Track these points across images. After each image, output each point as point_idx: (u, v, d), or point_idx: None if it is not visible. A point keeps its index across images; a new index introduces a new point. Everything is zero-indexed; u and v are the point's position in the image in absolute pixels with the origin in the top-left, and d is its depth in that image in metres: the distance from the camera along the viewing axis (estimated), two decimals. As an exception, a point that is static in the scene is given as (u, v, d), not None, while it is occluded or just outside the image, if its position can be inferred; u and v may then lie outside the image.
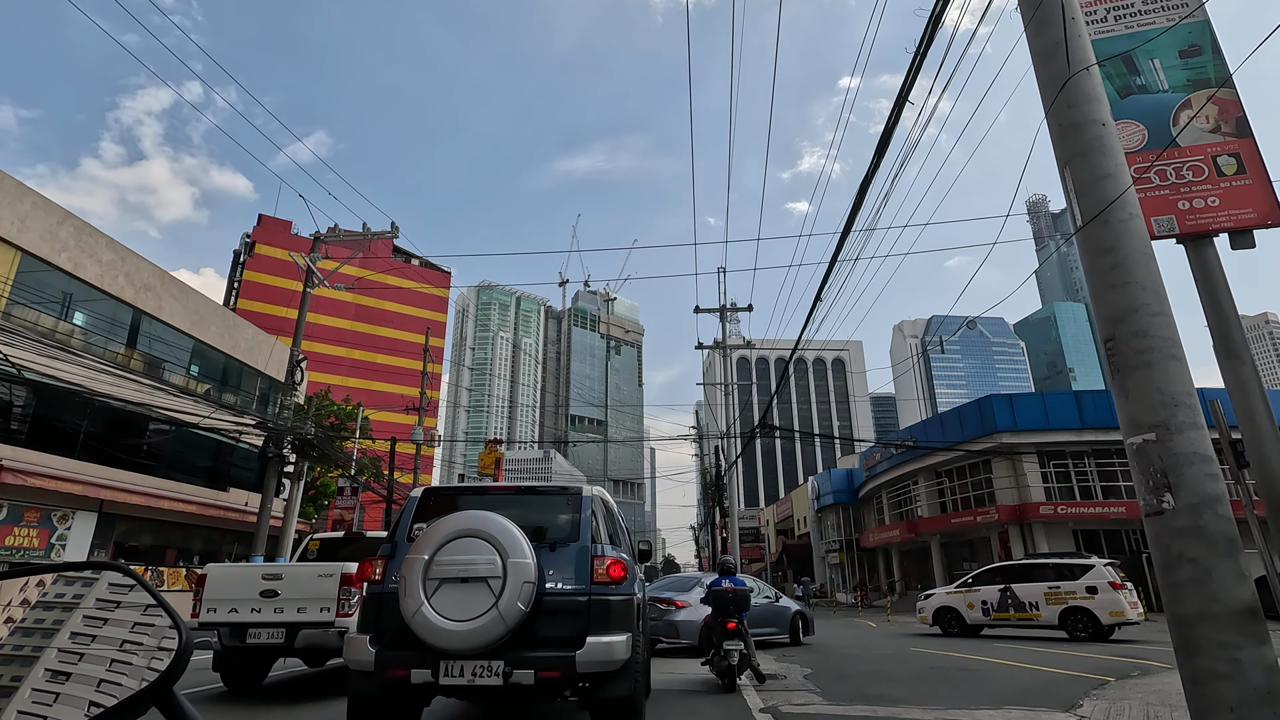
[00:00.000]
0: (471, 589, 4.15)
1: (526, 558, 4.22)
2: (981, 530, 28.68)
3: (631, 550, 6.53)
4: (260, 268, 70.87)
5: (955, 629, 16.22)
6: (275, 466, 20.83)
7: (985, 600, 15.73)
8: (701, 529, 59.13)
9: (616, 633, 4.38)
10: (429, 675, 4.11)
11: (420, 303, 79.26)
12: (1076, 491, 26.53)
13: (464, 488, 5.72)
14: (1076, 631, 14.40)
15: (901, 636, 16.37)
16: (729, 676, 7.62)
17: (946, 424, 29.40)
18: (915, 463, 31.89)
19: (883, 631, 18.46)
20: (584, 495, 5.05)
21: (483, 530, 4.28)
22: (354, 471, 27.30)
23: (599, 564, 4.55)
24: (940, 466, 31.17)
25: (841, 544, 42.22)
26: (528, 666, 4.12)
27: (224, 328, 23.48)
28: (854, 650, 12.75)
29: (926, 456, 30.96)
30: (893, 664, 10.31)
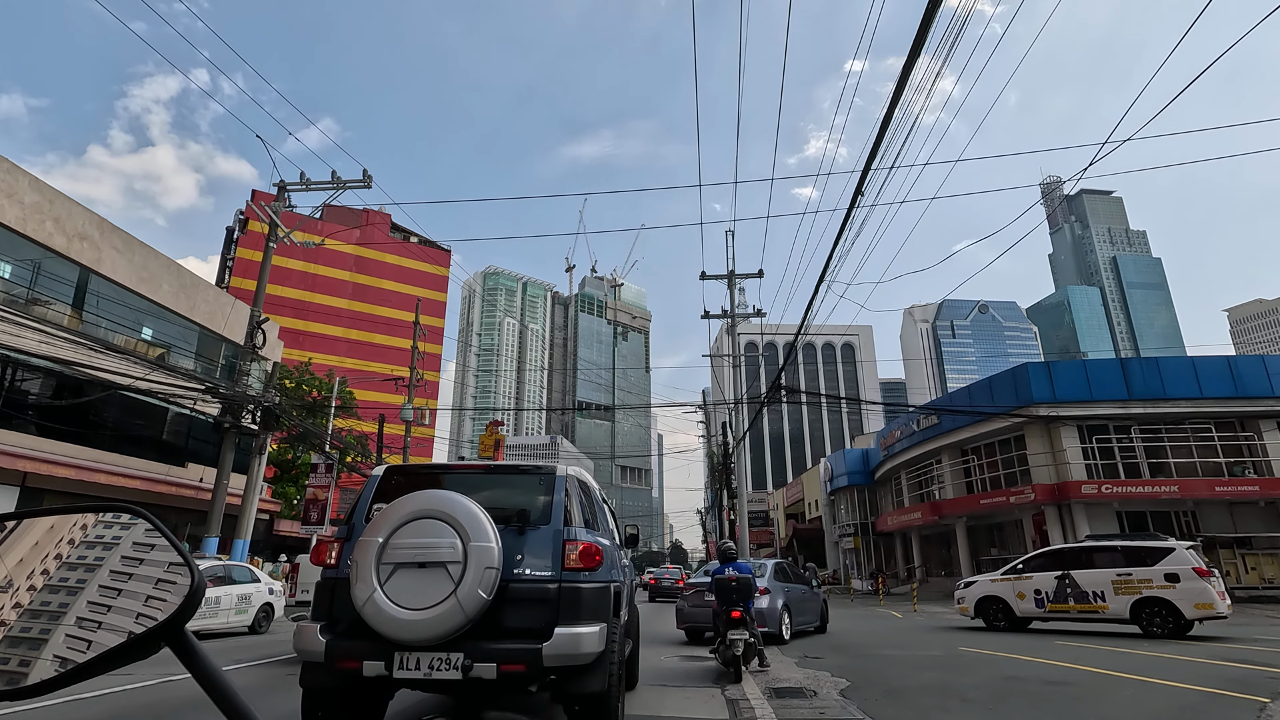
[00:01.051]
0: (429, 575, 3.81)
1: (490, 541, 3.87)
2: (1013, 512, 26.28)
3: (615, 535, 6.11)
4: (254, 244, 68.48)
5: (1002, 622, 13.90)
6: (232, 438, 18.68)
7: (1040, 589, 13.39)
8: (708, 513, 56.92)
9: (588, 623, 4.05)
10: (382, 667, 3.77)
11: (420, 282, 77.03)
12: (1121, 469, 24.08)
13: (429, 466, 5.32)
14: (1153, 626, 12.06)
15: (940, 631, 14.07)
16: (735, 665, 7.27)
17: (976, 396, 26.94)
18: (938, 439, 29.47)
19: (914, 624, 16.16)
20: (558, 476, 4.64)
21: (443, 511, 3.93)
22: (329, 446, 25.15)
23: (571, 549, 4.20)
24: (967, 444, 28.74)
25: (856, 528, 39.89)
26: (489, 659, 3.77)
27: (179, 287, 21.21)
28: (892, 650, 10.46)
29: (951, 433, 28.54)
30: (952, 672, 7.99)
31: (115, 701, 6.02)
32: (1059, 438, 24.29)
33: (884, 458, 35.49)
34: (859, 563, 40.35)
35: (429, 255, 78.85)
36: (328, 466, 24.15)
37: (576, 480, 4.94)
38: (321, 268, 71.69)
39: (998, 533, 28.58)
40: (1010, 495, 24.73)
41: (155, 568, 0.83)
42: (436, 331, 76.53)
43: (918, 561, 34.07)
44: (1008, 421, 25.35)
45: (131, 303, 19.43)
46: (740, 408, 29.11)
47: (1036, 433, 25.01)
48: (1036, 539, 25.30)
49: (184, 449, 22.08)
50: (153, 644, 0.75)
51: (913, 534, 34.40)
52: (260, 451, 19.90)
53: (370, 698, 4.33)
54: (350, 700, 4.23)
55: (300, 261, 70.89)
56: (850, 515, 41.01)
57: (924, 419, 30.11)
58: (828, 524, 46.92)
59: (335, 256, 72.60)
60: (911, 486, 34.11)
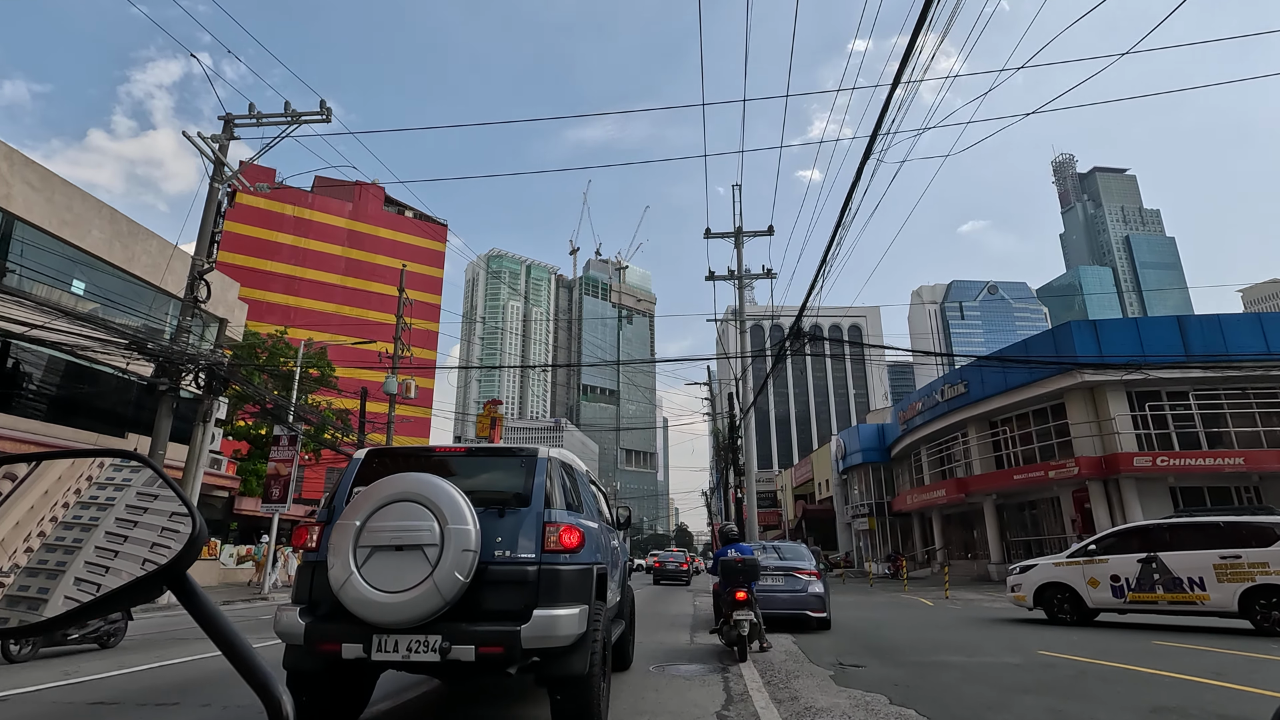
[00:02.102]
0: (406, 558, 3.78)
1: (467, 524, 3.84)
2: (1050, 489, 23.77)
3: (604, 517, 6.02)
4: (242, 218, 66.10)
5: (1069, 614, 11.44)
6: (169, 403, 16.29)
7: (1118, 575, 10.89)
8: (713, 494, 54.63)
9: (568, 605, 3.99)
10: (360, 650, 3.76)
11: (416, 257, 74.29)
12: (1175, 439, 21.50)
13: (411, 449, 5.13)
14: (1269, 622, 9.59)
15: (993, 625, 11.63)
16: (740, 645, 7.23)
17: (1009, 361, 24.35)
18: (964, 410, 26.92)
19: (954, 615, 13.73)
20: (539, 458, 4.55)
21: (420, 494, 3.90)
22: (292, 418, 22.79)
23: (551, 531, 4.13)
24: (997, 414, 26.18)
25: (871, 508, 37.47)
26: (467, 641, 3.73)
27: (113, 235, 18.71)
28: (951, 655, 8.02)
29: (980, 403, 25.98)
30: (1063, 696, 5.51)
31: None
32: (1105, 405, 21.71)
33: (902, 432, 32.96)
34: (874, 545, 37.96)
35: (425, 230, 76.22)
36: (290, 439, 21.79)
37: (559, 462, 4.82)
38: (313, 242, 69.08)
39: (1030, 512, 26.09)
40: (1049, 470, 22.19)
41: (159, 514, 0.84)
42: (433, 308, 74.07)
43: (939, 543, 31.65)
44: (1046, 388, 22.78)
45: (52, 249, 17.00)
46: (747, 376, 26.64)
47: (1079, 400, 22.43)
48: (1077, 518, 22.82)
49: (124, 416, 19.72)
50: (155, 586, 0.77)
51: (933, 514, 31.95)
52: (204, 419, 17.52)
53: (354, 679, 4.40)
54: (334, 682, 4.28)
55: (291, 236, 68.39)
56: (865, 495, 38.57)
57: (949, 388, 27.53)
58: (839, 504, 44.52)
59: (327, 230, 70.02)
60: (933, 463, 31.60)
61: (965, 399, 26.54)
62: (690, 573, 30.61)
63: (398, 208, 75.67)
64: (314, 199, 71.24)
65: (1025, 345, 23.84)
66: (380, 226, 74.15)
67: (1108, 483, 21.52)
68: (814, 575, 10.65)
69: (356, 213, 73.15)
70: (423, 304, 70.32)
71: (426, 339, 72.15)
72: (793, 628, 10.41)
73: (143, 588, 0.77)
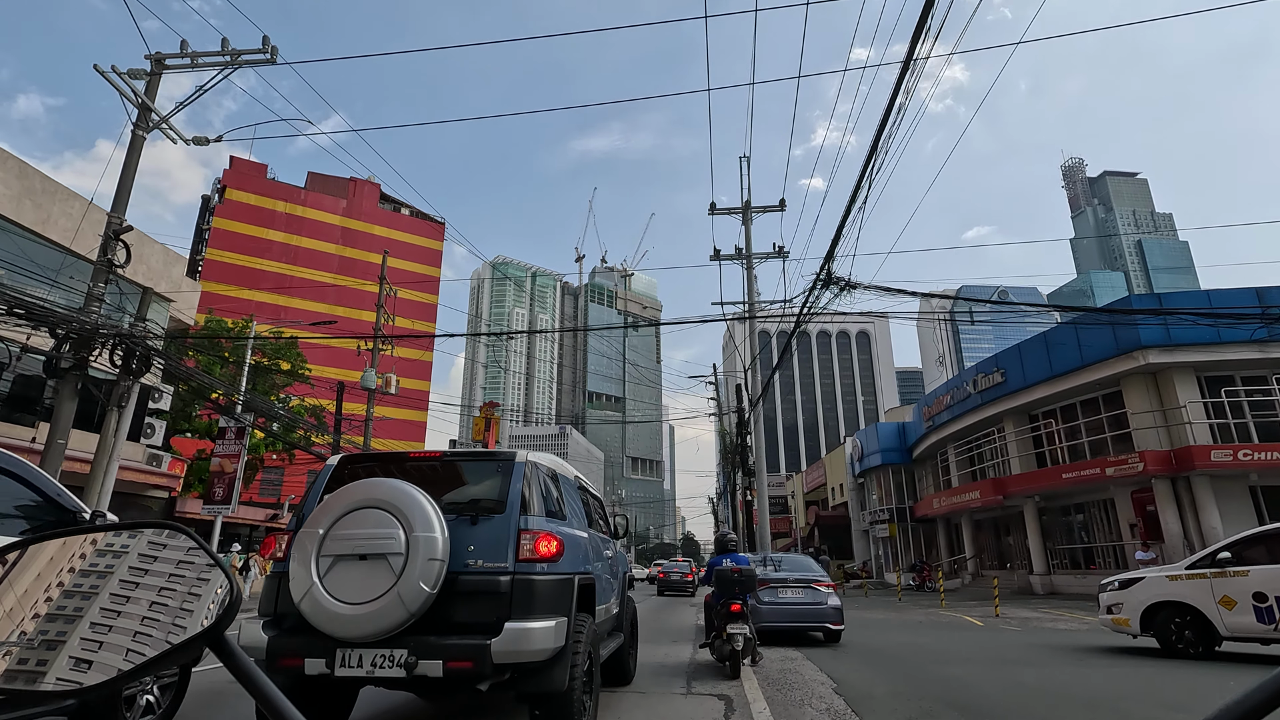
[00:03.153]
0: (370, 567, 3.60)
1: (434, 532, 3.66)
2: (1105, 489, 20.86)
3: (594, 524, 5.77)
4: (232, 214, 64.04)
5: (1191, 643, 8.62)
6: (72, 384, 13.67)
7: (1265, 592, 8.09)
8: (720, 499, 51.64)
9: (543, 617, 3.76)
10: (324, 665, 3.57)
11: (412, 255, 71.93)
12: (1254, 431, 18.60)
13: (384, 455, 4.85)
14: None
15: (1087, 656, 8.83)
16: (733, 661, 6.94)
17: (1055, 346, 21.50)
18: (1001, 403, 24.06)
19: (1021, 641, 10.88)
20: (516, 462, 4.33)
21: (385, 500, 3.73)
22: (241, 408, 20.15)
23: (526, 539, 3.93)
24: (1038, 406, 23.32)
25: (891, 513, 34.49)
26: (435, 656, 3.53)
27: (22, 192, 16.15)
28: (1075, 715, 5.24)
29: (1019, 394, 23.11)
30: None
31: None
32: (1172, 391, 18.84)
33: (926, 430, 30.06)
34: (895, 554, 34.95)
35: (421, 228, 73.93)
36: (238, 432, 19.14)
37: (540, 467, 4.55)
38: (305, 240, 66.74)
39: (1078, 516, 23.15)
40: (1107, 466, 19.28)
41: (196, 579, 0.89)
42: (430, 308, 71.55)
43: (969, 552, 28.68)
44: (1100, 374, 19.94)
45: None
46: (756, 365, 23.89)
47: (1139, 387, 19.57)
48: (1139, 522, 19.90)
49: (37, 403, 17.11)
50: (197, 648, 0.82)
51: (963, 519, 29.00)
52: (120, 404, 14.87)
53: (331, 696, 4.22)
54: (309, 699, 4.08)
55: (282, 234, 66.09)
56: (884, 499, 35.61)
57: (983, 378, 24.64)
58: (854, 510, 41.56)
59: (320, 228, 67.65)
60: (962, 463, 28.68)
61: (1002, 389, 23.66)
62: (695, 584, 27.95)
63: (393, 205, 73.37)
64: (307, 195, 69.06)
65: (1074, 328, 20.96)
66: (375, 224, 71.77)
67: (1176, 481, 18.62)
68: (833, 587, 10.50)
69: (351, 210, 70.84)
70: (419, 304, 67.96)
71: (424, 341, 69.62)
72: (797, 641, 10.10)
73: (186, 650, 0.82)
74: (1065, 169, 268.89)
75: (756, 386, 23.29)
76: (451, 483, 4.37)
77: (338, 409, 28.44)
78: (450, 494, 4.18)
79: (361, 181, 72.76)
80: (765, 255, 25.04)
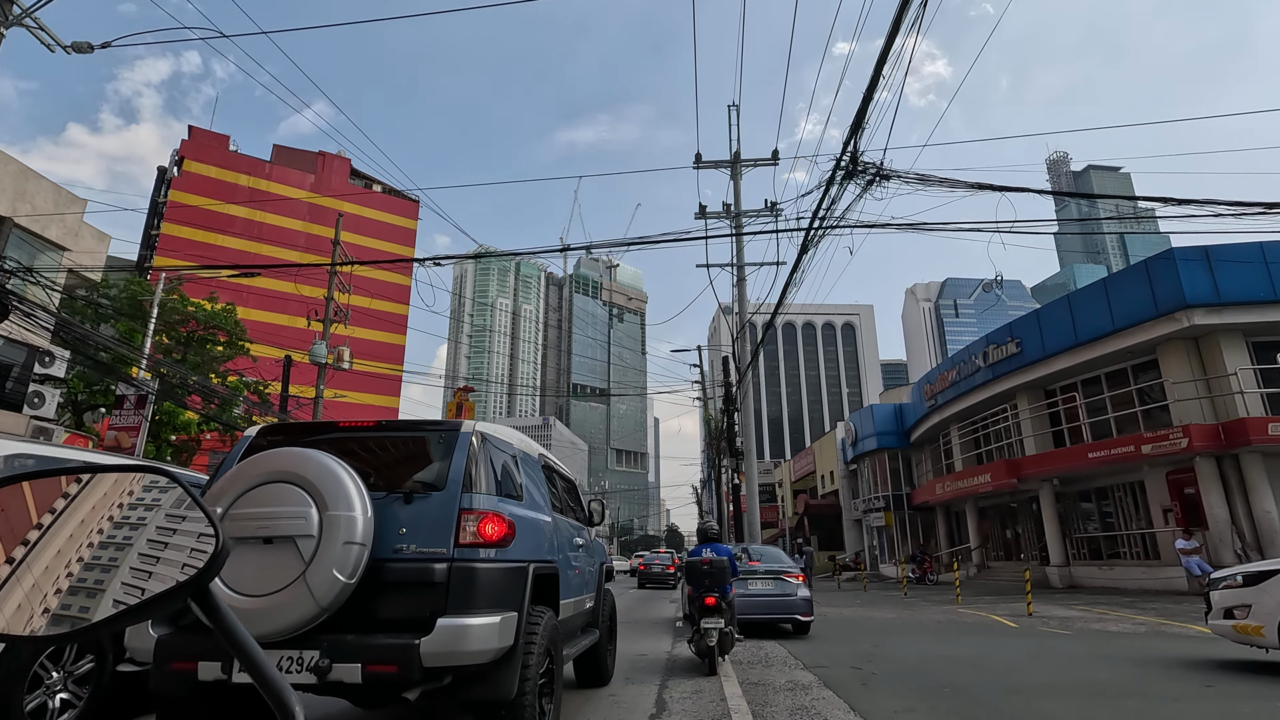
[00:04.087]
0: (275, 552, 2.94)
1: (353, 510, 3.02)
2: (1136, 469, 18.59)
3: (564, 510, 5.13)
4: (189, 187, 60.51)
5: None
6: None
7: None
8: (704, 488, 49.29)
9: (485, 612, 3.14)
10: (219, 669, 2.89)
11: (385, 234, 68.78)
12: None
13: (309, 424, 4.52)
14: None
15: (1209, 674, 6.43)
16: (709, 657, 6.81)
17: (1080, 309, 19.17)
18: (1014, 377, 21.75)
19: (1089, 649, 8.46)
20: (461, 433, 3.68)
21: (296, 474, 3.10)
22: (148, 367, 17.36)
23: (468, 520, 3.28)
24: (1056, 380, 21.03)
25: (887, 501, 32.24)
26: (352, 658, 2.88)
27: None
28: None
29: (1035, 366, 20.81)
30: None
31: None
32: (1218, 358, 16.56)
33: (928, 409, 27.74)
34: (891, 544, 32.70)
35: (394, 205, 70.70)
36: (139, 399, 16.38)
37: (491, 440, 3.87)
38: (270, 216, 63.23)
39: (1099, 501, 20.92)
40: (1143, 443, 16.97)
41: (184, 528, 0.85)
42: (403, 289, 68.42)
43: (974, 542, 26.44)
44: (1133, 340, 17.65)
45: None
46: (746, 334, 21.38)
47: (1178, 353, 17.29)
48: (1175, 507, 17.67)
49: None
50: (180, 599, 0.78)
51: (967, 506, 26.75)
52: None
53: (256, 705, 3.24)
54: (227, 709, 3.22)
55: (245, 209, 62.54)
56: (878, 486, 33.34)
57: (995, 349, 22.26)
58: (846, 499, 39.33)
59: (285, 204, 64.09)
60: (966, 445, 26.40)
61: (1018, 361, 21.30)
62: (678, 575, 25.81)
63: (365, 181, 70.11)
64: (272, 169, 65.63)
65: (1104, 287, 18.58)
66: (345, 201, 68.26)
67: (1222, 459, 16.37)
68: (801, 579, 10.31)
69: (319, 185, 67.39)
70: (391, 284, 64.94)
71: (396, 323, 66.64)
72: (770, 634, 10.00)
73: (169, 599, 0.79)
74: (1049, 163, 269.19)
75: (745, 355, 20.82)
76: (386, 457, 3.79)
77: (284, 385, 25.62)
78: (383, 468, 3.63)
79: (331, 156, 69.39)
80: (756, 212, 22.53)
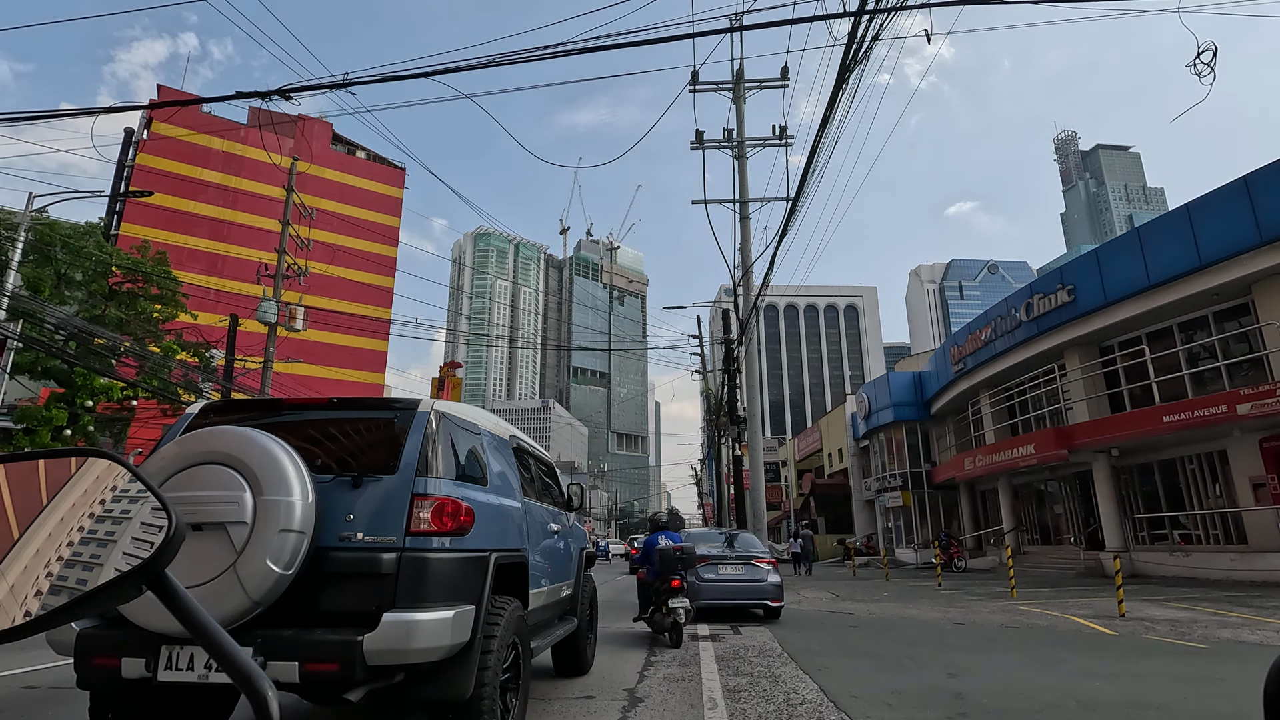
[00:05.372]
0: (204, 540, 2.66)
1: (291, 495, 2.74)
2: (1225, 433, 15.40)
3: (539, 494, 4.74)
4: (158, 151, 57.00)
5: None
6: None
7: None
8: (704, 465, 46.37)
9: (437, 606, 2.86)
10: (144, 667, 2.66)
11: (368, 203, 65.31)
12: None
13: (254, 401, 4.07)
14: None
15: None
16: (676, 632, 7.45)
17: (1155, 244, 15.93)
18: (1064, 331, 18.59)
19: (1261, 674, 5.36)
20: (419, 412, 3.36)
21: (229, 454, 2.82)
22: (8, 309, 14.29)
23: (421, 506, 2.98)
24: (1115, 333, 17.89)
25: (905, 479, 29.20)
26: (289, 655, 2.62)
27: None
28: None
29: (1092, 316, 17.64)
30: None
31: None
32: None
33: (954, 375, 24.59)
34: (909, 526, 29.69)
35: (378, 173, 67.22)
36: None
37: (452, 419, 3.55)
38: (245, 181, 59.83)
39: (1162, 475, 17.82)
40: (1240, 402, 13.80)
41: (134, 513, 0.82)
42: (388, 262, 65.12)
43: (1007, 524, 23.40)
44: (1220, 278, 14.47)
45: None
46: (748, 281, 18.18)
47: (1277, 294, 14.10)
48: (1272, 479, 14.55)
49: None
50: (134, 586, 0.75)
51: (1000, 483, 23.67)
52: None
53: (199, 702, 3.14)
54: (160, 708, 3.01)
55: (219, 174, 59.16)
56: (894, 463, 30.29)
57: (1041, 299, 19.04)
58: (856, 478, 36.32)
59: (262, 169, 60.15)
60: (1000, 414, 23.29)
61: (1070, 312, 18.10)
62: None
63: (347, 147, 66.59)
64: (247, 133, 61.96)
65: (1188, 213, 15.35)
66: (327, 167, 64.87)
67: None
68: (772, 564, 10.14)
69: (299, 150, 63.32)
70: (376, 256, 61.74)
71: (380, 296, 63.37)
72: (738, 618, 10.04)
73: (121, 587, 0.75)
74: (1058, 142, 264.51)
75: (749, 303, 17.65)
76: (335, 437, 3.33)
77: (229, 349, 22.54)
78: (330, 449, 3.21)
79: (311, 120, 65.58)
80: (761, 141, 19.27)
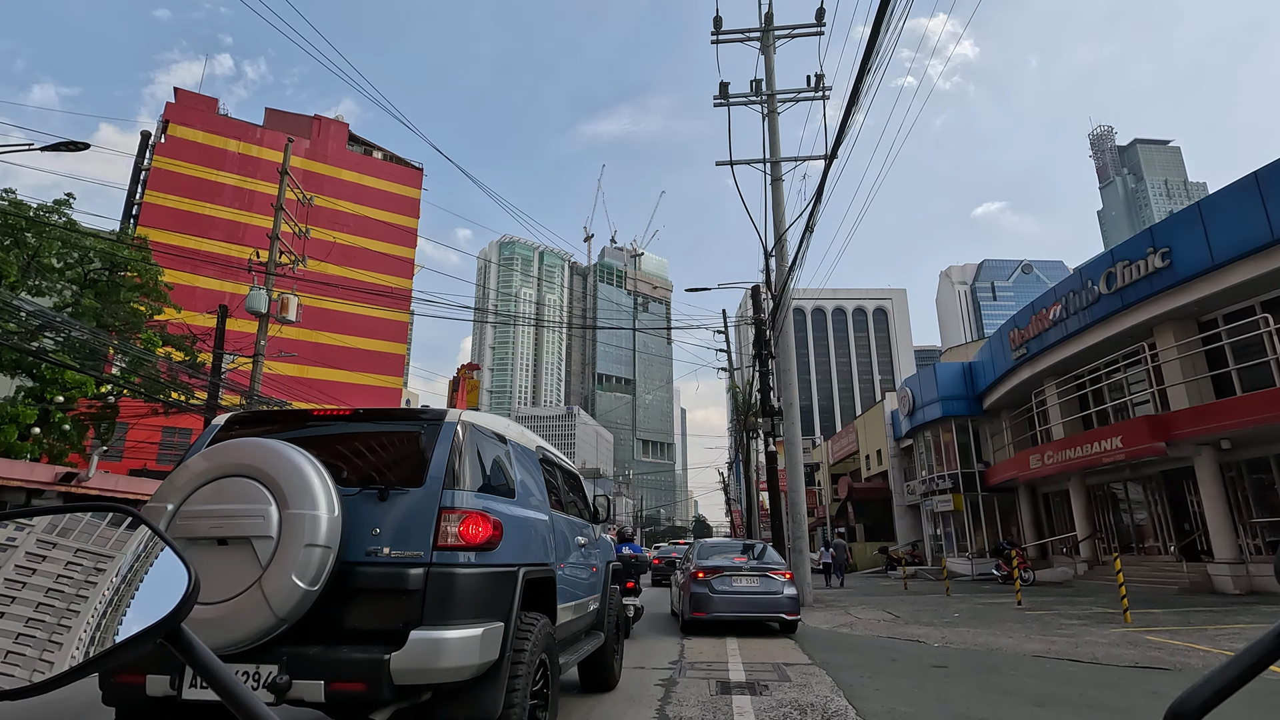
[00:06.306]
0: (230, 555, 2.65)
1: (317, 509, 2.71)
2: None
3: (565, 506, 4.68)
4: (174, 153, 56.21)
5: None
6: None
7: None
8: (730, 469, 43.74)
9: (466, 623, 2.82)
10: (168, 684, 2.62)
11: (385, 204, 63.91)
12: None
13: (280, 413, 3.86)
14: None
15: None
16: (625, 625, 7.91)
17: (1275, 189, 13.23)
18: (1151, 305, 15.79)
19: None
20: (446, 423, 3.31)
21: (254, 467, 2.80)
22: None
23: (450, 520, 2.92)
24: (1219, 304, 15.08)
25: (956, 481, 26.34)
26: (315, 674, 2.59)
27: None
28: None
29: (1190, 285, 14.85)
30: None
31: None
32: None
33: (1014, 363, 21.75)
34: (963, 532, 26.78)
35: (396, 173, 65.95)
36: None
37: (480, 430, 3.52)
38: (261, 184, 58.71)
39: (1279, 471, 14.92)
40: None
41: (154, 570, 0.83)
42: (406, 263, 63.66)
43: (1081, 531, 20.47)
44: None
45: None
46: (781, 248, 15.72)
47: None
48: None
49: None
50: (150, 641, 0.76)
51: (1070, 484, 20.76)
52: None
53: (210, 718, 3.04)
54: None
55: (234, 175, 58.22)
56: (942, 463, 27.44)
57: (1126, 266, 16.28)
58: (897, 481, 33.43)
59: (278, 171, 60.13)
60: (1070, 405, 20.43)
61: (1165, 279, 15.29)
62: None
63: (364, 147, 65.44)
64: (263, 134, 61.15)
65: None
66: (343, 168, 63.75)
67: None
68: (788, 577, 9.91)
69: (314, 151, 62.80)
70: (393, 258, 60.36)
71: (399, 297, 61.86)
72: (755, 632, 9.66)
73: (140, 643, 0.76)
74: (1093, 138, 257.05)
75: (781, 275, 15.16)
76: (361, 449, 3.29)
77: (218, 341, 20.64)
78: (359, 463, 3.16)
79: (328, 120, 64.75)
80: (795, 93, 16.84)
